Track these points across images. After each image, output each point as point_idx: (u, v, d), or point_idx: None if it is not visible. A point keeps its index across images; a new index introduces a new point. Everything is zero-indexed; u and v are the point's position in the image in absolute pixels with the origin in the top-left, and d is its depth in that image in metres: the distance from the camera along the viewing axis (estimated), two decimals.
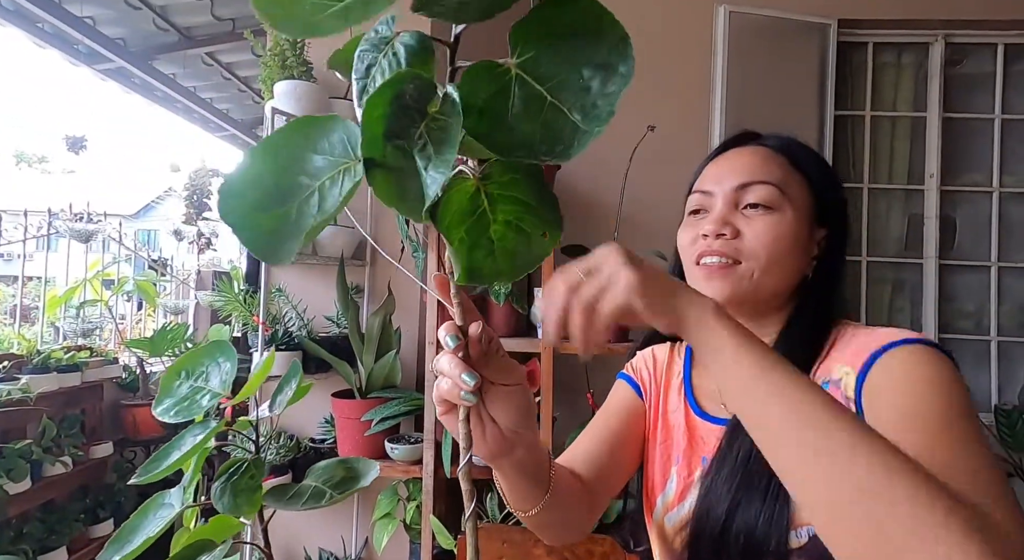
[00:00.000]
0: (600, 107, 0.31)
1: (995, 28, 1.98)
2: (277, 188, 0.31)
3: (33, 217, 2.89)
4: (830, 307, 0.63)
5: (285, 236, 0.31)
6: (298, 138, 0.33)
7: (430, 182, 0.30)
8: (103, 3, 2.81)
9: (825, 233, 0.65)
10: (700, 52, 1.90)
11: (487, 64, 0.32)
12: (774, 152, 0.64)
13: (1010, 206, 2.03)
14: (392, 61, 0.33)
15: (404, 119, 0.31)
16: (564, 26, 0.31)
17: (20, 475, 1.87)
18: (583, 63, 0.31)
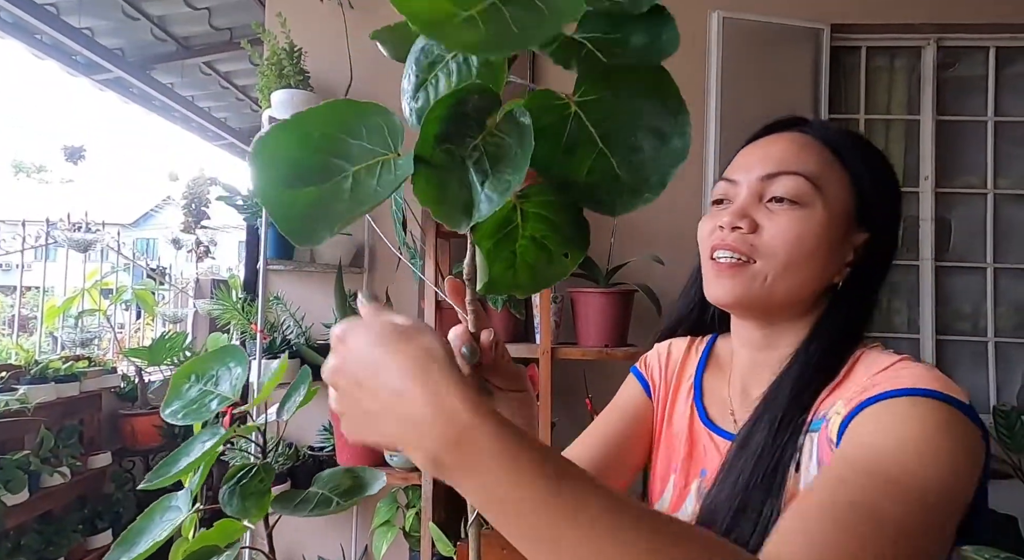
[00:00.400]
0: (647, 172, 0.32)
1: (986, 32, 2.00)
2: (305, 167, 0.31)
3: (31, 227, 2.89)
4: (859, 325, 0.56)
5: (315, 218, 0.31)
6: (332, 120, 0.32)
7: (484, 201, 0.30)
8: (101, 14, 2.83)
9: (866, 237, 0.56)
10: (694, 58, 1.91)
11: (547, 94, 0.33)
12: (814, 140, 0.57)
13: (1005, 208, 2.04)
14: (463, 66, 0.33)
15: (461, 126, 0.31)
16: (630, 84, 0.32)
17: (18, 486, 1.86)
18: (639, 124, 0.32)
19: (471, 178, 0.31)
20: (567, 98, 0.33)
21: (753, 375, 0.60)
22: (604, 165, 0.32)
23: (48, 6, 2.68)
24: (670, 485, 0.63)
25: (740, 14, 1.88)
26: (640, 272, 1.74)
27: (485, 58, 0.32)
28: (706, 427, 0.62)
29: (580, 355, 1.54)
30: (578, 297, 1.60)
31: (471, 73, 0.32)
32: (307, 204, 0.31)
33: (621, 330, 1.58)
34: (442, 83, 0.33)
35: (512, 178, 0.30)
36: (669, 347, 0.72)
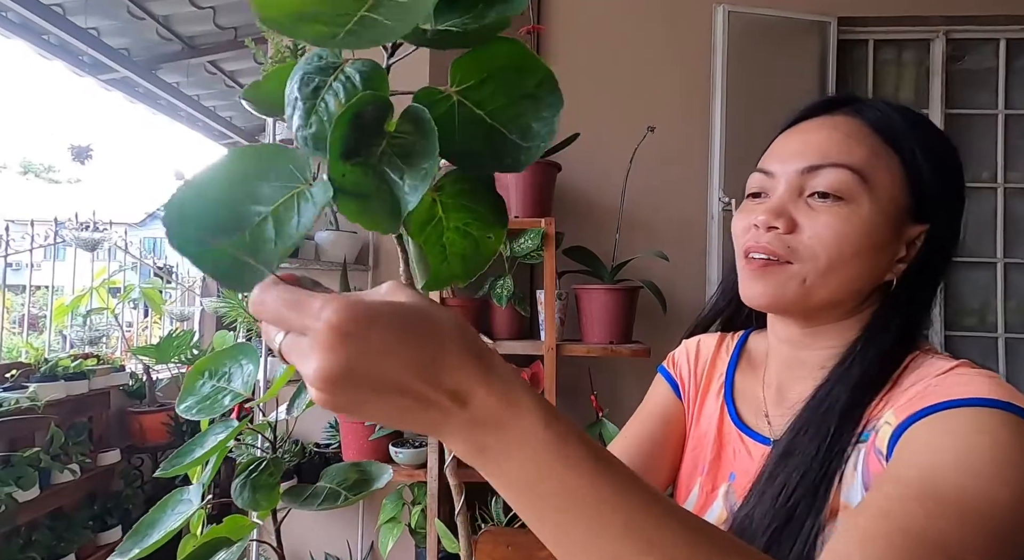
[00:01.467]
0: (535, 129, 0.36)
1: (996, 24, 1.97)
2: (220, 221, 0.32)
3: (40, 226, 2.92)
4: (915, 326, 0.51)
5: (245, 266, 0.31)
6: (236, 170, 0.33)
7: (409, 191, 0.32)
8: (107, 14, 2.85)
9: (923, 230, 0.51)
10: (699, 52, 1.90)
11: (429, 91, 0.36)
12: (863, 125, 0.51)
13: (1015, 202, 2.02)
14: (346, 84, 0.34)
15: (365, 138, 0.33)
16: (496, 64, 0.36)
17: (29, 483, 1.88)
18: (515, 93, 0.36)
19: (390, 179, 0.32)
20: (447, 90, 0.36)
21: (791, 374, 0.57)
22: (498, 136, 0.36)
23: (54, 6, 2.69)
24: (696, 487, 0.60)
25: (746, 8, 1.86)
26: (645, 268, 1.73)
27: (368, 73, 0.35)
28: (737, 428, 0.58)
29: (585, 352, 1.54)
30: (583, 294, 1.60)
31: (356, 89, 0.34)
32: (233, 254, 0.31)
33: (626, 326, 1.57)
34: (331, 104, 0.34)
35: (427, 165, 0.32)
36: (698, 344, 0.68)
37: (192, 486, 0.81)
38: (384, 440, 1.56)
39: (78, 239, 2.80)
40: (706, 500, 0.58)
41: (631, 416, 0.69)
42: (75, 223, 2.90)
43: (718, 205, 1.81)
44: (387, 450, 1.55)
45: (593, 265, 1.65)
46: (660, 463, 0.63)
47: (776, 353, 0.59)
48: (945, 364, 0.47)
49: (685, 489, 0.62)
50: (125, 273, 3.38)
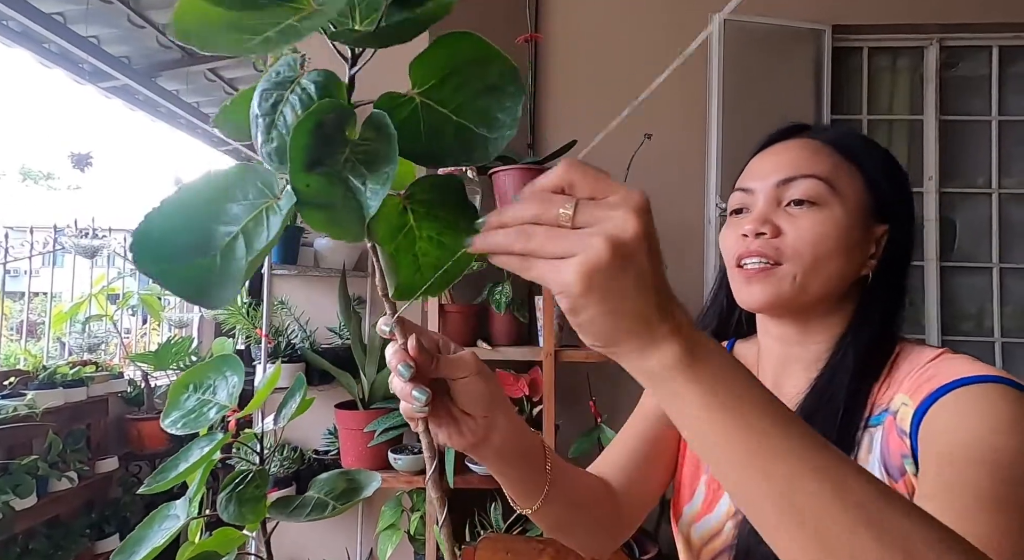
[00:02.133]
0: (501, 119, 0.36)
1: (989, 31, 1.99)
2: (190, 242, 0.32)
3: (39, 233, 2.92)
4: (895, 314, 0.58)
5: (213, 283, 0.31)
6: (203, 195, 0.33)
7: (370, 196, 0.32)
8: (108, 23, 2.86)
9: (886, 229, 0.58)
10: (695, 60, 1.91)
11: (391, 96, 0.36)
12: (822, 144, 0.59)
13: (1010, 207, 2.03)
14: (302, 96, 0.34)
15: (327, 147, 0.33)
16: (455, 60, 0.36)
17: (26, 491, 1.87)
18: (477, 88, 0.36)
19: (353, 186, 0.32)
20: (409, 93, 0.36)
21: (785, 370, 0.62)
22: (465, 131, 0.36)
23: (55, 15, 2.71)
24: (701, 486, 0.63)
25: (742, 16, 1.88)
26: None
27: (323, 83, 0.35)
28: None
29: (584, 357, 1.54)
30: None
31: (312, 99, 0.34)
32: (201, 273, 0.31)
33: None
34: (289, 116, 0.34)
35: (387, 168, 0.32)
36: None
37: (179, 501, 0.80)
38: (383, 447, 1.56)
39: (77, 246, 2.80)
40: (713, 497, 0.61)
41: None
42: (74, 230, 2.90)
43: (715, 211, 1.82)
44: (386, 456, 1.55)
45: None
46: (655, 464, 0.66)
47: (769, 353, 0.64)
48: (932, 351, 0.54)
49: (689, 489, 0.64)
50: (124, 280, 3.38)
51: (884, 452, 0.51)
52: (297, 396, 0.87)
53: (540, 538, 1.36)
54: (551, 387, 1.49)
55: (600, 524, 0.59)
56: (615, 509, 0.60)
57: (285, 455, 1.64)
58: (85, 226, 2.96)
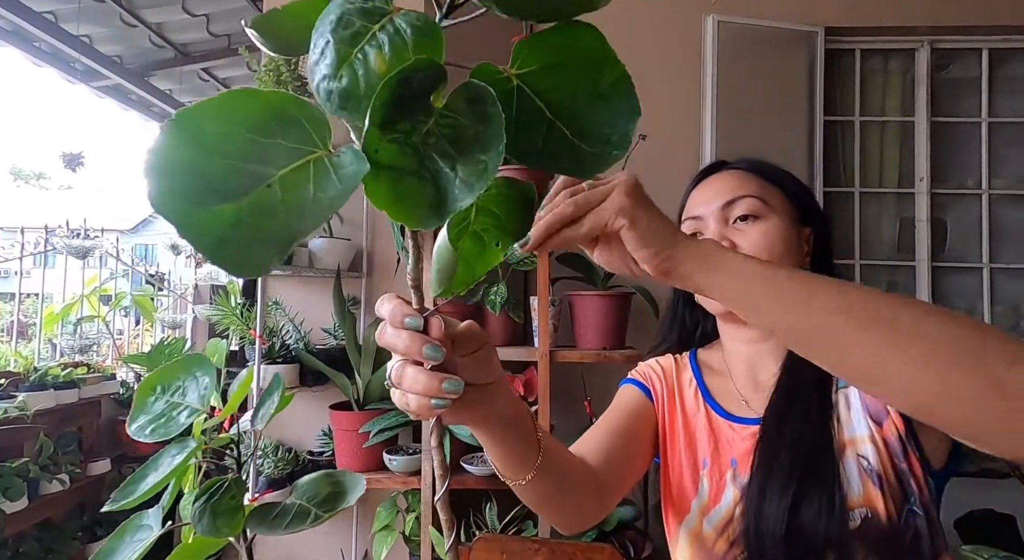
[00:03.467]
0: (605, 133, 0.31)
1: (979, 34, 2.01)
2: (211, 178, 0.25)
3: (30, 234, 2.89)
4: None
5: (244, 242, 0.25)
6: (233, 115, 0.26)
7: (460, 188, 0.26)
8: (99, 22, 2.84)
9: (811, 231, 0.71)
10: (690, 61, 1.92)
11: (489, 68, 0.30)
12: (745, 172, 0.71)
13: (999, 208, 2.05)
14: (395, 38, 0.27)
15: (407, 111, 0.27)
16: (568, 52, 0.31)
17: (17, 493, 1.86)
18: (582, 90, 0.31)
19: (437, 166, 0.27)
20: (506, 71, 0.31)
21: (759, 363, 0.70)
22: (557, 134, 0.31)
23: (46, 14, 2.69)
24: (704, 479, 0.66)
25: (735, 18, 1.89)
26: None
27: (422, 28, 0.28)
28: (724, 419, 0.68)
29: (579, 358, 1.54)
30: (576, 300, 1.61)
31: (406, 47, 0.27)
32: (226, 225, 0.24)
33: (619, 332, 1.58)
34: (372, 58, 0.27)
35: (488, 158, 0.27)
36: (658, 361, 0.79)
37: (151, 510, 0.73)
38: (378, 447, 1.55)
39: (69, 246, 2.78)
40: (717, 489, 0.65)
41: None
42: (66, 230, 2.88)
43: None
44: (381, 457, 1.55)
45: (586, 271, 1.66)
46: (634, 449, 0.70)
47: (738, 355, 0.72)
48: None
49: (692, 485, 0.67)
50: (116, 280, 3.35)
51: (864, 402, 0.61)
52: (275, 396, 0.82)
53: (535, 538, 1.36)
54: (546, 387, 1.49)
55: (583, 499, 0.61)
56: (597, 487, 0.63)
57: (279, 456, 1.64)
58: (77, 227, 2.94)
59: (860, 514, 0.55)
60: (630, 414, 0.73)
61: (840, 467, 0.57)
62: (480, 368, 0.40)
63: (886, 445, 0.59)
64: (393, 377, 0.37)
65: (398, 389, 0.37)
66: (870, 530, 0.55)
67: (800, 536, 0.55)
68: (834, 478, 0.56)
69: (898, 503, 0.57)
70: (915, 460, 0.58)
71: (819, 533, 0.55)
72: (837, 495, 0.55)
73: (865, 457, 0.58)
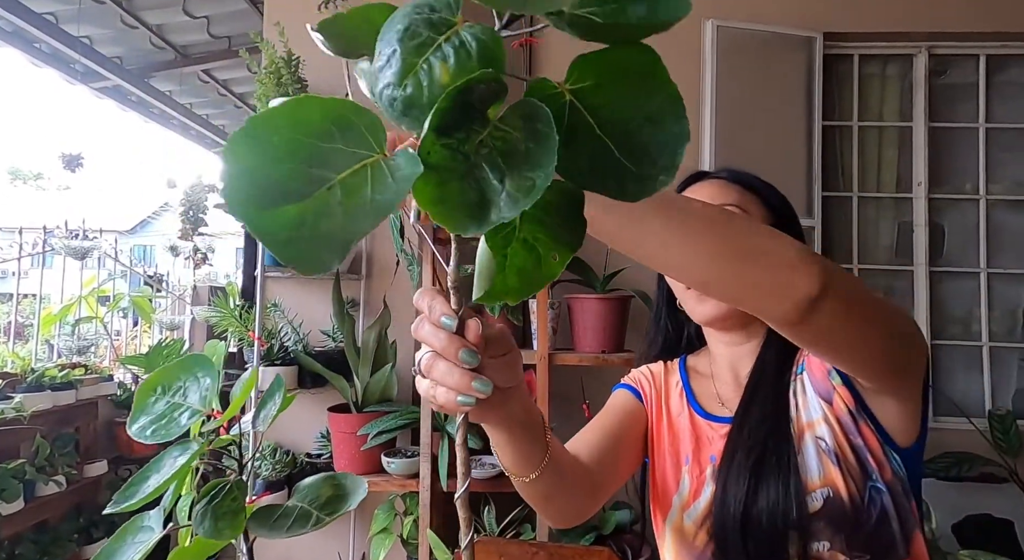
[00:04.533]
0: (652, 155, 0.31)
1: (976, 40, 2.02)
2: (276, 181, 0.27)
3: (28, 234, 2.89)
4: None
5: (307, 241, 0.26)
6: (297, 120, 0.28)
7: (507, 201, 0.27)
8: (100, 23, 2.85)
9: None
10: (689, 65, 1.93)
11: (545, 83, 0.31)
12: (726, 182, 0.73)
13: (996, 213, 2.06)
14: (460, 51, 0.29)
15: (465, 119, 0.28)
16: (622, 70, 0.31)
17: (13, 495, 1.85)
18: (633, 108, 0.31)
19: (485, 176, 0.28)
20: (560, 86, 0.31)
21: (739, 364, 0.73)
22: (604, 152, 0.31)
23: (47, 15, 2.70)
24: (685, 476, 0.70)
25: (734, 23, 1.90)
26: (636, 278, 1.75)
27: (487, 43, 0.29)
28: (704, 418, 0.71)
29: (577, 361, 1.55)
30: (575, 303, 1.61)
31: (471, 59, 0.29)
32: (291, 225, 0.26)
33: (618, 336, 1.58)
34: (437, 69, 0.29)
35: (537, 176, 0.27)
36: (648, 368, 0.83)
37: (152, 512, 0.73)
38: (376, 450, 1.55)
39: (67, 247, 2.78)
40: (697, 484, 0.68)
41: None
42: (64, 231, 2.87)
43: None
44: (379, 460, 1.55)
45: (585, 275, 1.67)
46: (624, 448, 0.73)
47: (723, 358, 0.75)
48: None
49: (674, 482, 0.70)
50: (115, 282, 3.35)
51: (814, 383, 0.64)
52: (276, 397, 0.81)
53: (534, 542, 1.36)
54: (545, 390, 1.49)
55: (578, 497, 0.64)
56: (590, 485, 0.65)
57: (277, 459, 1.63)
58: (75, 227, 2.94)
59: (822, 495, 0.57)
60: (621, 416, 0.76)
61: (797, 451, 0.60)
62: (507, 372, 0.41)
63: (839, 423, 0.61)
64: (423, 367, 0.38)
65: (426, 379, 0.38)
66: (833, 510, 0.57)
67: (758, 522, 0.58)
68: (789, 463, 0.58)
69: (859, 481, 0.59)
70: (870, 433, 0.60)
71: (777, 518, 0.57)
72: (792, 480, 0.58)
73: (822, 438, 0.61)
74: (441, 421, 1.53)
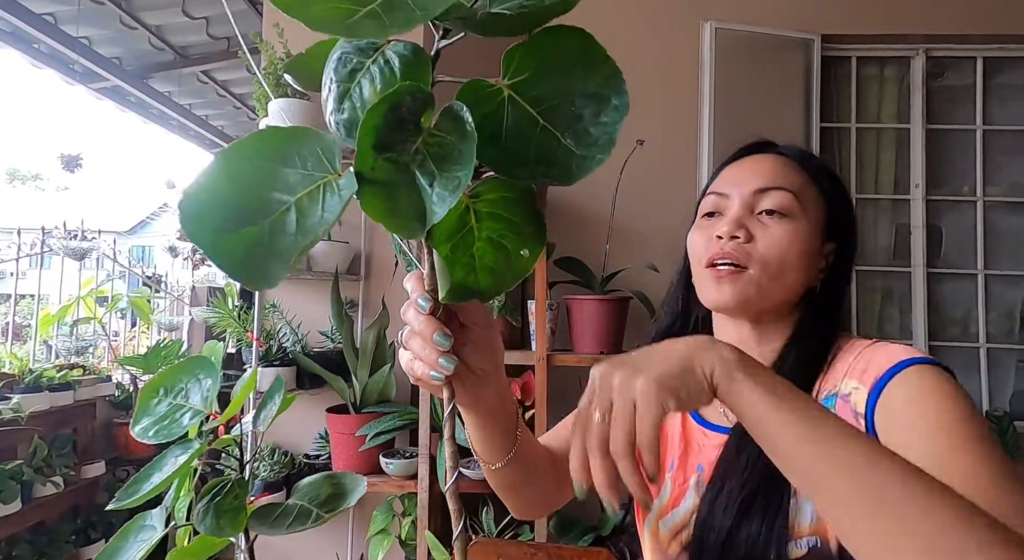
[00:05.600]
0: (594, 135, 0.32)
1: (974, 42, 2.03)
2: (241, 206, 0.29)
3: (27, 235, 2.89)
4: (836, 322, 0.63)
5: (261, 259, 0.29)
6: (262, 151, 0.30)
7: (437, 201, 0.29)
8: (100, 24, 2.85)
9: (834, 247, 0.64)
10: (687, 67, 1.93)
11: (479, 83, 0.32)
12: (792, 161, 0.64)
13: (994, 215, 2.06)
14: (384, 69, 0.31)
15: (399, 132, 0.30)
16: (557, 56, 0.32)
17: (10, 496, 1.85)
18: (574, 92, 0.32)
19: (419, 182, 0.30)
20: (498, 83, 0.32)
21: None
22: (549, 140, 0.32)
23: (46, 16, 2.69)
24: (667, 482, 0.66)
25: (733, 24, 1.91)
26: (635, 279, 1.75)
27: (409, 58, 0.31)
28: (698, 424, 0.66)
29: (576, 362, 1.55)
30: (574, 304, 1.61)
31: (395, 75, 0.31)
32: (249, 245, 0.29)
33: (616, 337, 1.59)
34: (366, 90, 0.31)
35: (461, 174, 0.29)
36: None
37: (155, 511, 0.76)
38: (375, 451, 1.55)
39: (65, 248, 2.78)
40: (679, 492, 0.64)
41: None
42: (63, 232, 2.87)
43: None
44: (377, 461, 1.55)
45: (584, 275, 1.67)
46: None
47: None
48: (866, 341, 0.59)
49: (656, 487, 0.66)
50: (113, 282, 3.35)
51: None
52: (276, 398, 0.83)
53: (531, 543, 1.36)
54: (543, 391, 1.49)
55: (544, 488, 0.64)
56: (557, 478, 0.65)
57: (276, 459, 1.63)
58: (74, 228, 2.94)
59: (808, 543, 0.53)
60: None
61: (792, 494, 0.55)
62: (481, 349, 0.45)
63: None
64: (403, 339, 0.43)
65: (407, 352, 0.43)
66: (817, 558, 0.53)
67: (737, 554, 0.55)
68: (781, 504, 0.54)
69: None
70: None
71: (756, 555, 0.54)
72: (777, 523, 0.53)
73: None
74: (439, 422, 1.53)
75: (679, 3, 1.97)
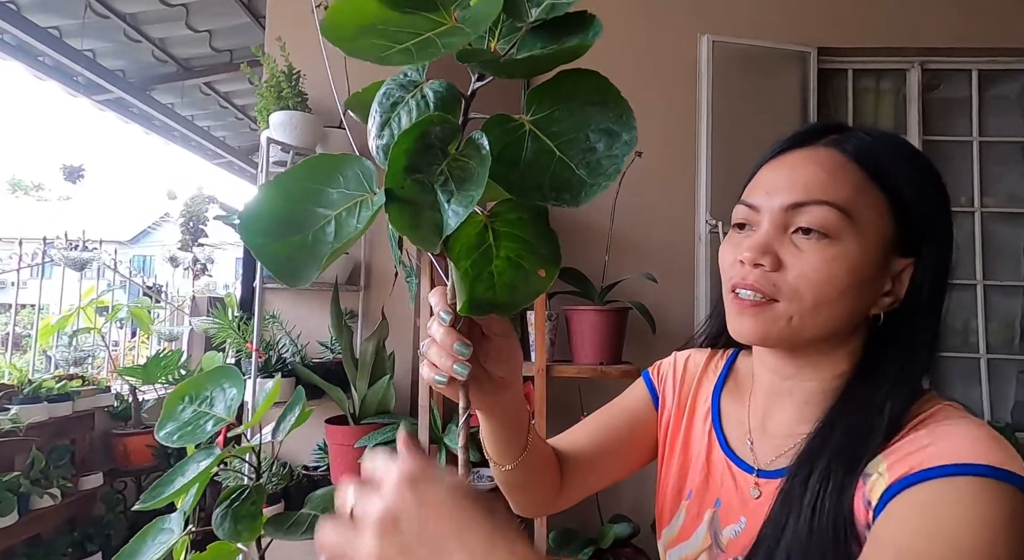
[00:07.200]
0: (604, 166, 0.36)
1: (968, 55, 2.05)
2: (290, 219, 0.35)
3: (28, 245, 2.90)
4: (915, 370, 0.49)
5: (301, 261, 0.34)
6: (311, 175, 0.36)
7: (451, 215, 0.34)
8: (103, 37, 2.88)
9: (911, 263, 0.50)
10: (685, 80, 1.95)
11: (503, 118, 0.37)
12: (847, 159, 0.49)
13: (992, 225, 2.07)
14: (420, 103, 0.37)
15: (427, 156, 0.35)
16: (576, 95, 0.37)
17: (7, 508, 1.83)
18: (590, 127, 0.36)
19: (439, 199, 0.34)
20: (520, 119, 0.37)
21: (774, 402, 0.56)
22: (564, 169, 0.36)
23: (51, 29, 2.73)
24: (682, 511, 0.61)
25: (730, 38, 1.93)
26: (634, 290, 1.75)
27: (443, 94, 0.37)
28: (725, 455, 0.58)
29: (575, 373, 1.55)
30: (573, 315, 1.61)
31: (429, 108, 0.36)
32: (293, 249, 0.35)
33: (616, 347, 1.59)
34: (404, 120, 0.37)
35: (474, 192, 0.33)
36: (687, 360, 0.68)
37: (173, 515, 0.79)
38: None
39: (66, 258, 2.78)
40: (691, 524, 0.60)
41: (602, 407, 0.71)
42: (64, 242, 2.88)
43: (705, 227, 1.85)
44: None
45: (583, 286, 1.67)
46: (623, 455, 0.67)
47: (760, 380, 0.58)
48: (944, 410, 0.46)
49: (670, 513, 0.63)
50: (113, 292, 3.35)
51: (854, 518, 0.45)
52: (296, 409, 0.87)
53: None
54: (543, 401, 1.49)
55: (547, 491, 0.64)
56: (558, 485, 0.65)
57: (275, 471, 1.62)
58: (75, 238, 2.95)
59: None
60: (623, 422, 0.68)
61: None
62: (499, 356, 0.47)
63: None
64: (424, 349, 0.45)
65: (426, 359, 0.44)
66: None
67: None
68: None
69: None
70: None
71: None
72: None
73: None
74: (439, 433, 1.53)
75: (676, 17, 1.99)
